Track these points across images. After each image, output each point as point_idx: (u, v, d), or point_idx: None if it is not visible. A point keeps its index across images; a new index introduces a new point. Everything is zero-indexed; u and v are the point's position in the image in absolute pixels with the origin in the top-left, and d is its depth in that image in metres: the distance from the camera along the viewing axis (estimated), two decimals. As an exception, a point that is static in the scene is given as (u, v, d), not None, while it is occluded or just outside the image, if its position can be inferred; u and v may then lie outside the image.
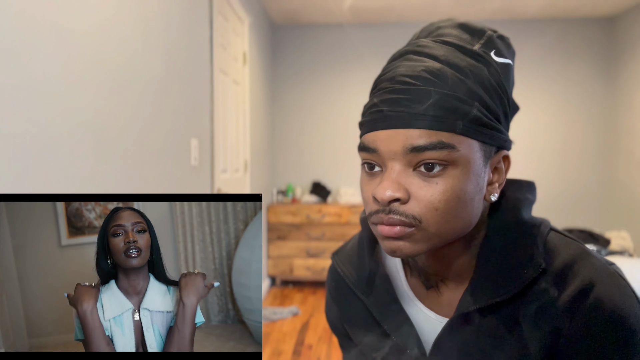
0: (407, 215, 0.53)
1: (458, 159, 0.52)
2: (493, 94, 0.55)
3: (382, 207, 0.54)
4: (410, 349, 0.62)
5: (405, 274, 0.67)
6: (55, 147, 1.19)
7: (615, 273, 0.56)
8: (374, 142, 0.55)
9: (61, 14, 1.21)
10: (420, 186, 0.53)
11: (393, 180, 0.53)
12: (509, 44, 0.61)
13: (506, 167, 0.60)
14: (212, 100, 2.50)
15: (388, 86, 0.55)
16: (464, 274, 0.62)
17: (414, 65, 0.54)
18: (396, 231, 0.53)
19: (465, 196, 0.53)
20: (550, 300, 0.55)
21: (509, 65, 0.59)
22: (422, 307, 0.65)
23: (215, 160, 2.53)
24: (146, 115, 1.70)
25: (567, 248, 0.58)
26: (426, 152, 0.52)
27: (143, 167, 1.68)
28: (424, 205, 0.52)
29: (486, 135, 0.54)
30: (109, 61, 1.44)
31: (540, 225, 0.60)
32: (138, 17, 1.64)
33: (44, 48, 1.14)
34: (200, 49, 2.33)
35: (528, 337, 0.55)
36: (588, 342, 0.53)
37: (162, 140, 1.84)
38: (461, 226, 0.55)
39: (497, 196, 0.59)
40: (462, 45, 0.56)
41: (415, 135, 0.52)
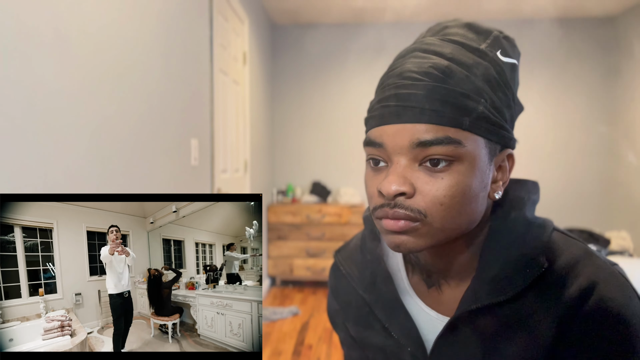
0: (412, 210, 0.53)
1: (464, 155, 0.52)
2: (499, 93, 0.56)
3: (387, 201, 0.54)
4: (411, 348, 0.62)
5: (407, 272, 0.68)
6: (55, 147, 1.18)
7: (617, 273, 0.56)
8: (380, 136, 0.55)
9: (61, 15, 1.21)
10: (426, 181, 0.53)
11: (399, 174, 0.53)
12: (515, 45, 0.62)
13: (510, 165, 0.60)
14: (212, 100, 2.50)
15: (395, 82, 0.55)
16: (466, 273, 0.62)
17: (422, 62, 0.54)
18: (400, 225, 0.53)
19: (470, 192, 0.53)
20: (552, 300, 0.55)
21: (515, 65, 0.60)
22: (423, 305, 0.65)
23: (215, 160, 2.53)
24: (146, 116, 1.70)
25: (569, 248, 0.58)
26: (432, 147, 0.52)
27: (143, 167, 1.68)
28: (429, 199, 0.53)
29: (492, 132, 0.54)
30: (109, 61, 1.44)
31: (544, 225, 0.60)
32: (138, 17, 1.64)
33: (44, 48, 1.14)
34: (200, 49, 2.32)
35: (530, 336, 0.55)
36: (590, 342, 0.53)
37: (162, 140, 1.84)
38: (465, 222, 0.55)
39: (501, 194, 0.59)
40: (469, 43, 0.56)
41: (422, 130, 0.52)
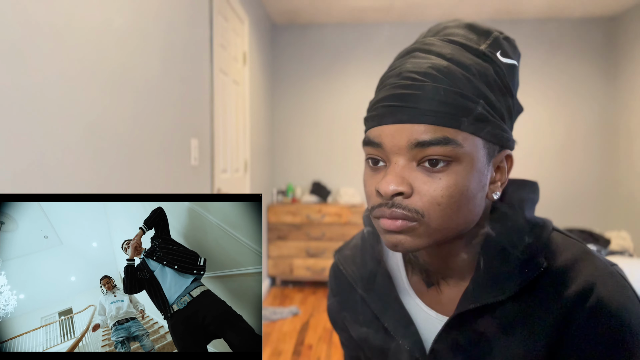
0: (409, 210, 0.53)
1: (462, 155, 0.53)
2: (498, 93, 0.56)
3: (385, 200, 0.54)
4: (410, 347, 0.62)
5: (407, 272, 0.68)
6: (55, 147, 1.18)
7: (616, 274, 0.56)
8: (379, 136, 0.55)
9: (61, 15, 1.21)
10: (424, 181, 0.53)
11: (397, 174, 0.53)
12: (515, 46, 0.62)
13: (509, 166, 0.60)
14: (212, 100, 2.50)
15: (395, 82, 0.55)
16: (465, 272, 0.62)
17: (421, 62, 0.55)
18: (398, 225, 0.53)
19: (468, 193, 0.53)
20: (551, 300, 0.55)
21: (515, 66, 0.60)
22: (422, 305, 0.65)
23: (215, 160, 2.53)
24: (146, 115, 1.70)
25: (569, 248, 0.58)
26: (431, 148, 0.52)
27: (143, 167, 1.68)
28: (426, 199, 0.53)
29: (490, 133, 0.55)
30: (108, 61, 1.44)
31: (543, 225, 0.60)
32: (138, 17, 1.64)
33: (43, 49, 1.14)
34: (200, 49, 2.32)
35: (528, 336, 0.55)
36: (589, 343, 0.53)
37: (162, 140, 1.84)
38: (463, 223, 0.55)
39: (499, 195, 0.59)
40: (469, 44, 0.56)
41: (420, 131, 0.52)
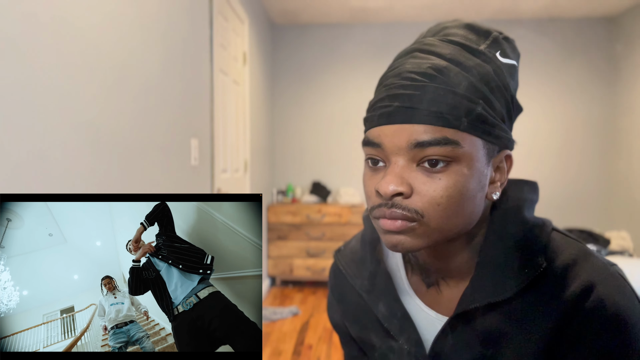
0: (409, 210, 0.53)
1: (461, 155, 0.53)
2: (497, 94, 0.56)
3: (384, 201, 0.54)
4: (410, 347, 0.62)
5: (406, 272, 0.68)
6: (55, 147, 1.19)
7: (616, 274, 0.56)
8: (378, 137, 0.55)
9: (61, 15, 1.21)
10: (423, 181, 0.53)
11: (396, 174, 0.53)
12: (514, 46, 0.62)
13: (508, 166, 0.60)
14: (212, 100, 2.50)
15: (394, 82, 0.55)
16: (465, 273, 0.62)
17: (420, 62, 0.55)
18: (398, 225, 0.54)
19: (467, 193, 0.53)
20: (550, 300, 0.55)
21: (514, 66, 0.60)
22: (422, 305, 0.65)
23: (215, 160, 2.53)
24: (146, 115, 1.70)
25: (568, 248, 0.58)
26: (430, 148, 0.52)
27: (143, 167, 1.68)
28: (426, 200, 0.53)
29: (490, 133, 0.55)
30: (108, 61, 1.44)
31: (543, 225, 0.60)
32: (138, 17, 1.64)
33: (43, 49, 1.14)
34: (200, 49, 2.33)
35: (528, 336, 0.55)
36: (588, 343, 0.53)
37: (162, 140, 1.84)
38: (462, 223, 0.55)
39: (499, 195, 0.59)
40: (468, 44, 0.56)
41: (419, 131, 0.52)
